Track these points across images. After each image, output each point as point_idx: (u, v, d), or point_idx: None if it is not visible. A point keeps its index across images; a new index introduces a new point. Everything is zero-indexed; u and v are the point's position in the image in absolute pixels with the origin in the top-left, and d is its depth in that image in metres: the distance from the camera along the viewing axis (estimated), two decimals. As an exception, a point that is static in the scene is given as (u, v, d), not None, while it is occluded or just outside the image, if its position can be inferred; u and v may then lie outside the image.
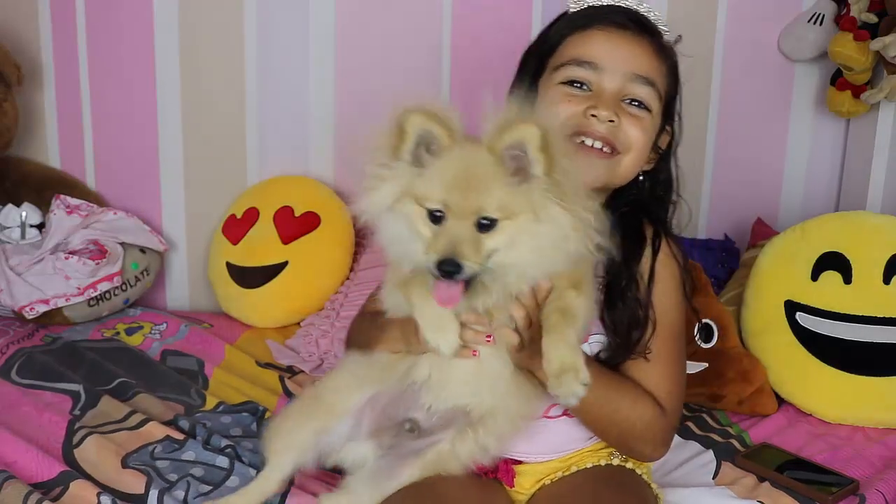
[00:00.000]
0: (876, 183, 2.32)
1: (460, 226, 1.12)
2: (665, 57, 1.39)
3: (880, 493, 1.57)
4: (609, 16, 1.37)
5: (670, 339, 1.40)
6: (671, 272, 1.41)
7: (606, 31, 1.35)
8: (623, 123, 1.34)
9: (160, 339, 2.16)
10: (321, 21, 2.39)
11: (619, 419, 1.35)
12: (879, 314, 1.82)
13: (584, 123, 1.33)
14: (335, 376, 1.39)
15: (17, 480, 1.47)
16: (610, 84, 1.34)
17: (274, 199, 2.37)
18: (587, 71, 1.34)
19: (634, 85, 1.34)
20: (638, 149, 1.36)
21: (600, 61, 1.34)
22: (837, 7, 2.34)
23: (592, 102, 1.33)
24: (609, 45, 1.34)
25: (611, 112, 1.32)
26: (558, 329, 1.17)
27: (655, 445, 1.40)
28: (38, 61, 2.42)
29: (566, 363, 1.15)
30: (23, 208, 2.31)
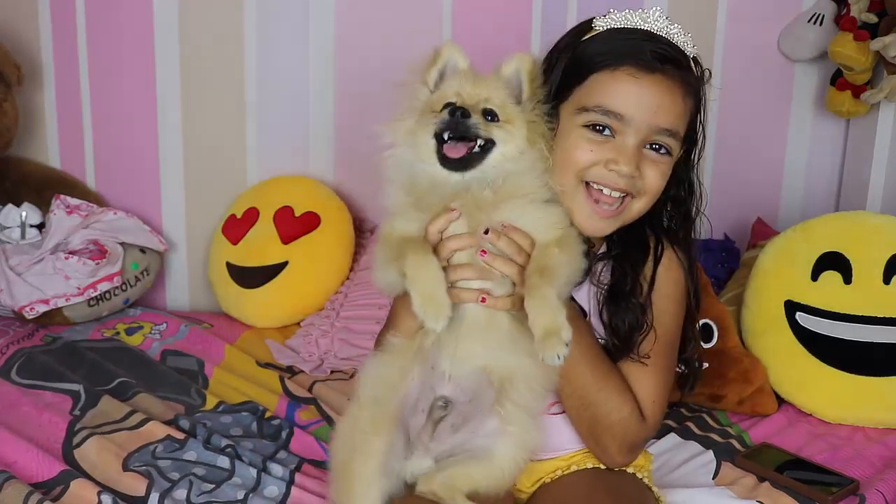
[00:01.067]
0: (876, 183, 2.32)
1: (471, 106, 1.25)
2: (691, 95, 1.35)
3: (880, 493, 1.57)
4: (638, 55, 1.30)
5: (666, 347, 1.39)
6: (673, 280, 1.40)
7: (635, 76, 1.29)
8: (642, 171, 1.32)
9: (160, 339, 2.16)
10: (321, 22, 2.39)
11: (600, 399, 1.33)
12: (879, 314, 1.82)
13: (603, 175, 1.31)
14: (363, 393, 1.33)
15: (17, 480, 1.47)
16: (634, 138, 1.30)
17: (274, 199, 2.37)
18: (612, 120, 1.30)
19: (659, 136, 1.32)
20: (653, 193, 1.35)
21: (627, 114, 1.29)
22: (837, 7, 2.34)
23: (614, 155, 1.30)
24: (638, 95, 1.30)
25: (632, 168, 1.30)
26: (538, 289, 1.20)
27: (621, 446, 1.37)
28: (38, 61, 2.42)
29: (549, 326, 1.18)
30: (23, 208, 2.31)
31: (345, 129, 2.44)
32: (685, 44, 1.36)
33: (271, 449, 1.67)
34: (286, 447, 1.70)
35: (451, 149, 1.22)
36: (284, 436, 1.74)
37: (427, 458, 1.31)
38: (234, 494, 1.50)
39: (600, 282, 1.38)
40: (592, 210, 1.32)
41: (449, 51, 1.31)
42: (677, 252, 1.41)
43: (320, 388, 1.96)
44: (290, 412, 1.85)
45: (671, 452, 1.71)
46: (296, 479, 1.57)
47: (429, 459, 1.31)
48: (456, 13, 2.38)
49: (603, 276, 1.39)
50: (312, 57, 2.41)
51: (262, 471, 1.58)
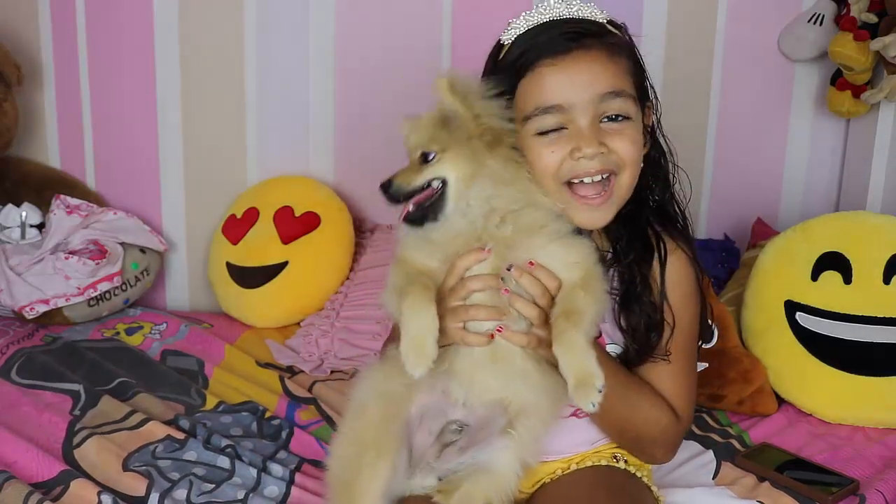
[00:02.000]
0: (876, 183, 2.32)
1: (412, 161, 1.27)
2: (620, 53, 1.32)
3: (880, 493, 1.57)
4: (548, 45, 1.29)
5: (685, 344, 1.39)
6: (687, 276, 1.40)
7: (553, 64, 1.28)
8: (610, 145, 1.29)
9: (160, 339, 2.16)
10: (321, 21, 2.39)
11: (638, 421, 1.35)
12: (879, 314, 1.82)
13: (574, 167, 1.28)
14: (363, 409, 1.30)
15: (17, 480, 1.47)
16: (584, 118, 1.28)
17: (274, 199, 2.37)
18: (556, 116, 1.28)
19: (606, 104, 1.29)
20: (632, 162, 1.32)
21: (564, 101, 1.27)
22: (837, 7, 2.34)
23: (574, 143, 1.27)
24: (564, 80, 1.27)
25: (595, 146, 1.27)
26: (566, 334, 1.18)
27: (667, 450, 1.41)
28: (38, 61, 2.42)
29: (581, 374, 1.16)
30: (23, 208, 2.31)
31: (345, 129, 2.44)
32: (593, 14, 1.33)
33: (271, 449, 1.67)
34: (286, 447, 1.70)
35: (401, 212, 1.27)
36: (284, 436, 1.74)
37: (431, 476, 1.31)
38: (234, 494, 1.50)
39: (613, 289, 1.37)
40: (585, 205, 1.30)
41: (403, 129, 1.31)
42: (680, 245, 1.40)
43: (320, 388, 1.96)
44: (290, 412, 1.85)
45: (671, 452, 1.71)
46: (296, 479, 1.57)
47: (432, 478, 1.31)
48: (456, 13, 2.38)
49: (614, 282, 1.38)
50: (312, 57, 2.41)
51: (262, 471, 1.58)
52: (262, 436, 1.74)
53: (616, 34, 1.33)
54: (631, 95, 1.31)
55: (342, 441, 1.31)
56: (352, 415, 1.31)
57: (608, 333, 1.39)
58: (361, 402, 1.29)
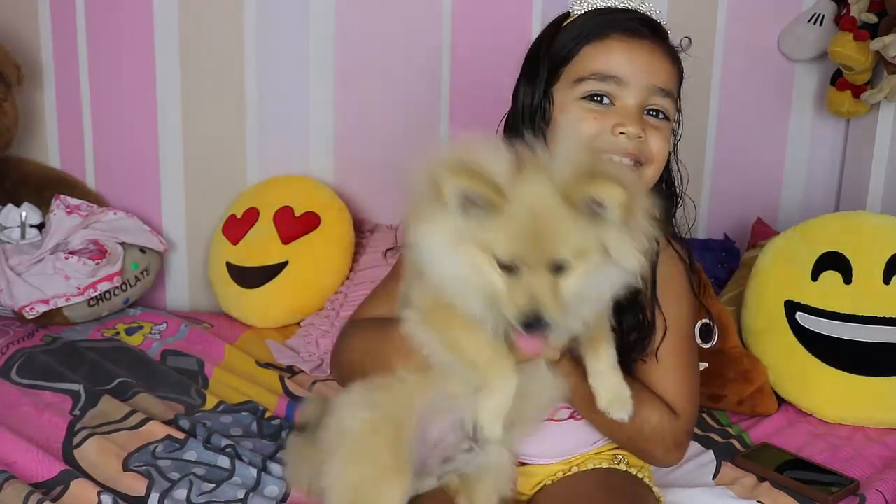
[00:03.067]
0: (876, 183, 2.32)
1: (537, 278, 1.06)
2: (676, 61, 1.38)
3: (880, 493, 1.57)
4: (624, 22, 1.33)
5: (681, 341, 1.39)
6: (678, 276, 1.41)
7: (625, 41, 1.32)
8: (647, 136, 1.32)
9: (160, 339, 2.16)
10: (321, 22, 2.39)
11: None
12: (879, 314, 1.82)
13: (612, 141, 1.30)
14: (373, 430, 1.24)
15: (17, 480, 1.47)
16: (634, 99, 1.31)
17: (274, 199, 2.37)
18: (610, 85, 1.31)
19: (656, 97, 1.32)
20: (660, 159, 1.35)
21: (623, 75, 1.30)
22: (837, 7, 2.34)
23: (619, 119, 1.30)
24: (630, 57, 1.31)
25: (638, 128, 1.30)
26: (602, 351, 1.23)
27: (667, 449, 1.38)
28: (38, 61, 2.42)
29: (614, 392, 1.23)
30: (23, 208, 2.31)
31: (345, 129, 2.44)
32: (660, 20, 1.39)
33: (271, 449, 1.67)
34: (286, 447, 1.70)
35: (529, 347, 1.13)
36: (284, 435, 1.74)
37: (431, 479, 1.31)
38: (235, 494, 1.50)
39: None
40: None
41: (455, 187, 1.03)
42: (674, 246, 1.41)
43: (320, 389, 1.96)
44: (290, 412, 1.85)
45: (671, 452, 1.71)
46: (296, 478, 1.57)
47: (432, 479, 1.31)
48: (456, 13, 2.38)
49: None
50: (312, 57, 2.41)
51: (262, 470, 1.58)
52: (262, 436, 1.74)
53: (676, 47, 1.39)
54: (675, 101, 1.37)
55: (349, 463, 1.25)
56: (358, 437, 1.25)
57: None
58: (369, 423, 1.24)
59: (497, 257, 1.06)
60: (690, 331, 1.43)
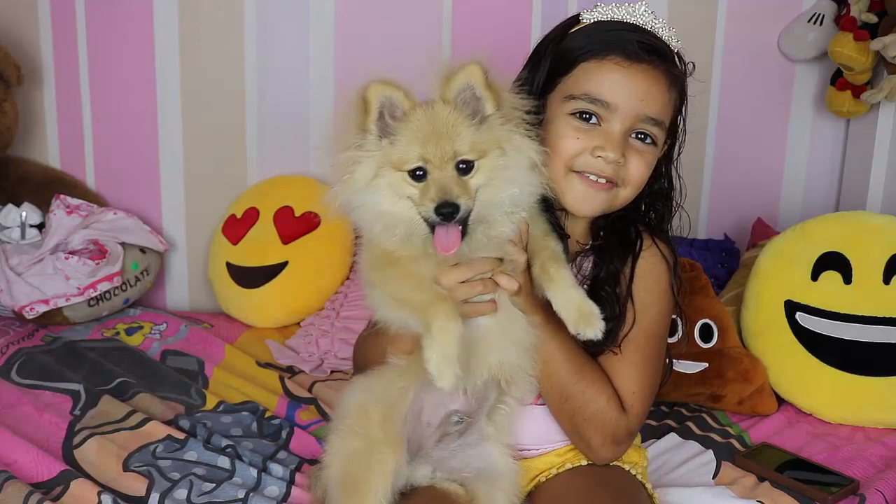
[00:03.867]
0: (876, 183, 2.32)
1: (444, 174, 1.19)
2: (676, 85, 1.38)
3: (880, 493, 1.57)
4: (625, 44, 1.33)
5: (645, 339, 1.39)
6: (657, 274, 1.41)
7: (622, 65, 1.32)
8: (628, 160, 1.33)
9: (160, 339, 2.16)
10: (321, 21, 2.39)
11: (575, 392, 1.34)
12: (879, 314, 1.82)
13: (590, 162, 1.33)
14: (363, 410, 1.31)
15: (17, 480, 1.47)
16: (620, 125, 1.33)
17: (274, 199, 2.37)
18: (599, 108, 1.32)
19: (643, 124, 1.34)
20: (638, 182, 1.37)
21: (614, 102, 1.32)
22: (837, 7, 2.34)
23: (600, 142, 1.32)
24: (624, 84, 1.32)
25: (618, 154, 1.32)
26: (560, 276, 1.26)
27: (604, 440, 1.37)
28: (38, 61, 2.42)
29: (581, 308, 1.24)
30: (23, 208, 2.31)
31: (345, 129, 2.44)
32: (670, 38, 1.39)
33: (271, 449, 1.67)
34: (286, 447, 1.70)
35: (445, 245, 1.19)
36: (284, 436, 1.74)
37: (427, 465, 1.33)
38: (235, 494, 1.50)
39: (584, 276, 1.40)
40: (587, 187, 1.34)
41: (378, 93, 1.23)
42: (660, 247, 1.42)
43: (320, 388, 1.96)
44: (290, 412, 1.85)
45: (671, 452, 1.71)
46: (296, 478, 1.57)
47: (428, 467, 1.33)
48: (456, 13, 2.38)
49: (586, 272, 1.41)
50: (313, 57, 2.41)
51: (263, 471, 1.57)
52: (263, 436, 1.74)
53: (678, 67, 1.39)
54: (666, 128, 1.38)
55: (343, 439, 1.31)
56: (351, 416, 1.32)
57: None
58: (360, 403, 1.31)
59: (408, 167, 1.20)
60: (659, 331, 1.42)
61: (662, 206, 1.45)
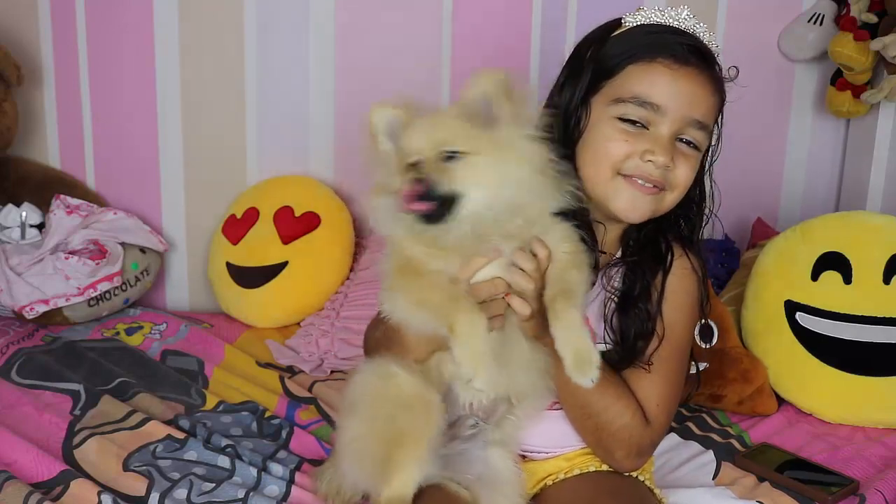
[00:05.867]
0: (876, 183, 2.32)
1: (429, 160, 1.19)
2: (720, 89, 1.38)
3: (880, 493, 1.57)
4: (672, 47, 1.33)
5: (672, 354, 1.38)
6: (687, 288, 1.40)
7: (671, 67, 1.32)
8: (675, 164, 1.33)
9: (160, 339, 2.16)
10: (321, 21, 2.39)
11: (599, 409, 1.33)
12: (879, 314, 1.82)
13: (639, 166, 1.32)
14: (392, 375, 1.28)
15: (17, 480, 1.47)
16: (669, 128, 1.32)
17: (274, 199, 2.37)
18: (648, 112, 1.31)
19: (691, 129, 1.33)
20: (683, 187, 1.36)
21: (663, 104, 1.31)
22: (837, 7, 2.34)
23: (650, 146, 1.31)
24: (673, 87, 1.31)
25: (668, 158, 1.31)
26: (565, 313, 1.21)
27: (629, 452, 1.37)
28: (38, 61, 2.42)
29: (579, 351, 1.19)
30: (23, 208, 2.31)
31: (345, 129, 2.44)
32: (711, 42, 1.39)
33: (271, 449, 1.67)
34: (286, 447, 1.70)
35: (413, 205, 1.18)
36: (284, 435, 1.74)
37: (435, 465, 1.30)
38: (235, 493, 1.50)
39: (613, 288, 1.38)
40: (635, 191, 1.33)
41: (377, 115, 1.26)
42: (691, 259, 1.41)
43: (320, 388, 1.96)
44: (290, 412, 1.85)
45: (671, 452, 1.71)
46: (296, 478, 1.57)
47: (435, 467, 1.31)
48: (456, 13, 2.38)
49: (616, 282, 1.39)
50: (312, 57, 2.41)
51: (263, 470, 1.58)
52: (263, 435, 1.74)
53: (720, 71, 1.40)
54: (710, 132, 1.38)
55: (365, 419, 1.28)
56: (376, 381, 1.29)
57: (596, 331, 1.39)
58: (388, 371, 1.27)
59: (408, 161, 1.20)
60: (684, 344, 1.42)
61: (694, 215, 1.44)
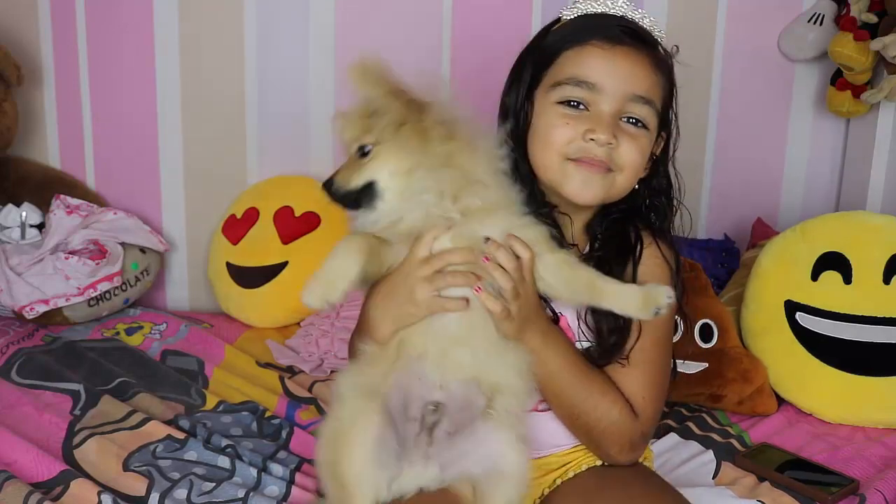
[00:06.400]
0: (876, 183, 2.32)
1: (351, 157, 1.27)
2: (662, 68, 1.37)
3: (880, 493, 1.57)
4: (605, 29, 1.34)
5: (652, 344, 1.37)
6: (658, 277, 1.39)
7: (603, 47, 1.33)
8: (620, 144, 1.32)
9: (160, 339, 2.16)
10: (321, 21, 2.39)
11: (587, 409, 1.32)
12: (879, 314, 1.82)
13: (583, 147, 1.32)
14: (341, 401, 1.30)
15: (17, 480, 1.47)
16: (608, 106, 1.32)
17: (274, 199, 2.37)
18: (585, 91, 1.32)
19: (633, 105, 1.33)
20: (633, 168, 1.35)
21: (598, 82, 1.31)
22: (837, 7, 2.34)
23: (591, 125, 1.31)
24: (607, 64, 1.32)
25: (609, 135, 1.31)
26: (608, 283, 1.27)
27: (622, 447, 1.36)
28: (38, 61, 2.42)
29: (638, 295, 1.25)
30: (23, 208, 2.31)
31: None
32: (651, 27, 1.39)
33: (271, 448, 1.67)
34: (286, 447, 1.70)
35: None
36: (284, 435, 1.74)
37: (432, 466, 1.29)
38: (235, 493, 1.50)
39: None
40: (584, 172, 1.33)
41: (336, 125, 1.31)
42: (662, 248, 1.40)
43: (320, 388, 1.96)
44: (290, 412, 1.85)
45: (671, 452, 1.71)
46: (296, 478, 1.57)
47: (434, 467, 1.29)
48: (456, 13, 2.38)
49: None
50: (312, 56, 2.41)
51: (263, 470, 1.58)
52: (263, 435, 1.74)
53: (662, 52, 1.39)
54: (656, 109, 1.36)
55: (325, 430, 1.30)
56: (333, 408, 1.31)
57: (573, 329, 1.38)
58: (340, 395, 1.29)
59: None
60: (664, 335, 1.41)
61: (662, 204, 1.44)
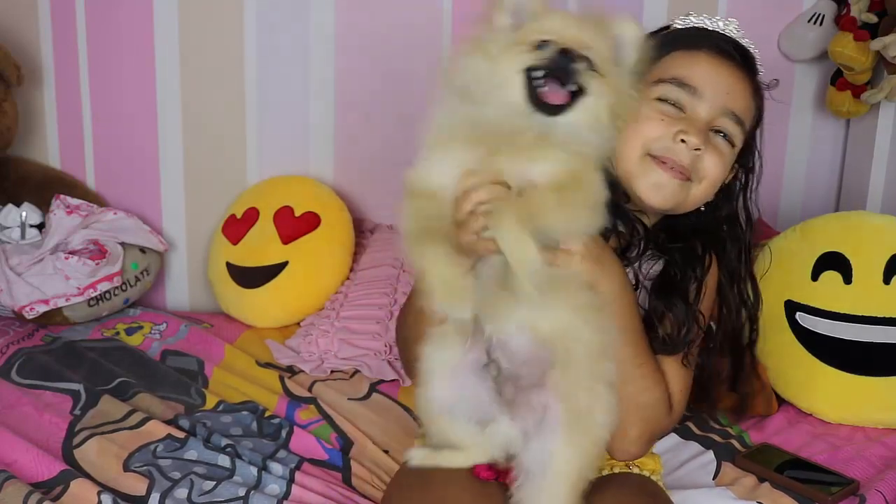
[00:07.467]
0: (876, 183, 2.32)
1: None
2: (758, 97, 1.40)
3: (880, 493, 1.56)
4: (718, 42, 1.37)
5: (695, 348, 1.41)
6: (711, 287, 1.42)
7: (714, 57, 1.35)
8: (706, 154, 1.33)
9: (160, 339, 2.16)
10: (321, 22, 2.39)
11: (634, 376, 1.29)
12: (879, 314, 1.82)
13: (670, 148, 1.32)
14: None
15: (17, 480, 1.47)
16: (705, 113, 1.33)
17: (274, 199, 2.37)
18: (686, 94, 1.33)
19: (726, 120, 1.35)
20: (712, 181, 1.36)
21: (702, 88, 1.33)
22: (837, 7, 2.34)
23: (684, 126, 1.32)
24: (713, 74, 1.34)
25: (700, 141, 1.32)
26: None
27: (643, 432, 1.33)
28: (38, 61, 2.42)
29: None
30: (23, 208, 2.31)
31: (344, 128, 2.44)
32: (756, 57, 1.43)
33: (271, 448, 1.68)
34: (286, 446, 1.70)
35: (552, 94, 1.14)
36: (284, 435, 1.74)
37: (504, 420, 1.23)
38: (235, 492, 1.50)
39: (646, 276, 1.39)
40: (662, 173, 1.33)
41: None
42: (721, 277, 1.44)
43: (320, 388, 1.96)
44: (290, 412, 1.85)
45: (671, 452, 1.71)
46: (296, 477, 1.57)
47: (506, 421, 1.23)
48: (456, 13, 2.38)
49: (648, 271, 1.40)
50: (312, 56, 2.41)
51: (263, 469, 1.58)
52: (263, 435, 1.74)
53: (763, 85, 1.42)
54: (745, 132, 1.38)
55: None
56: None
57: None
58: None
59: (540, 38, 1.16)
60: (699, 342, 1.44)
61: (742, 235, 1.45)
